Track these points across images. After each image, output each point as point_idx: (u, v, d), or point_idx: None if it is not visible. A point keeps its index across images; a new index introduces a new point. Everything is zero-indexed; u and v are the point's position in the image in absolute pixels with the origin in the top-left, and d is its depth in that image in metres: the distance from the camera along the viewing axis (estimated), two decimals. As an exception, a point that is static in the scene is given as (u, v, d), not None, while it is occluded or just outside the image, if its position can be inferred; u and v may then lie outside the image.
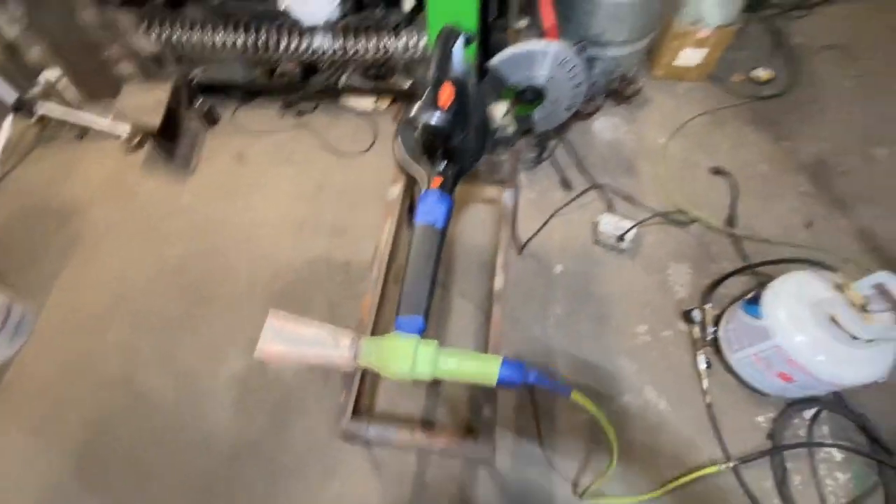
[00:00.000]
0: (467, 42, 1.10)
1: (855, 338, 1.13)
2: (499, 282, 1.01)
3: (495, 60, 1.47)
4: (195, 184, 1.98)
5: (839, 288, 1.16)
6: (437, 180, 1.06)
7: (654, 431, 1.43)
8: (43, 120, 2.15)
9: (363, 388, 1.07)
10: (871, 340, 1.12)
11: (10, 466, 1.42)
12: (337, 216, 1.87)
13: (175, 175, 1.99)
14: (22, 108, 1.99)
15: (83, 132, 2.12)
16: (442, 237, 1.02)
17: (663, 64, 2.13)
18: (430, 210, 1.03)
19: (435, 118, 0.87)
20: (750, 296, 1.40)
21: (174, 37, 1.87)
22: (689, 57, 2.07)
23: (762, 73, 2.17)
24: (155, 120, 1.78)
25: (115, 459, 1.42)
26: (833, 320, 1.16)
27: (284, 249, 1.79)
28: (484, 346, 1.00)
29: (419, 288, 0.96)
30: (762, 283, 1.40)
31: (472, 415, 1.22)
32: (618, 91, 2.05)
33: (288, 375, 1.55)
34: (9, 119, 1.99)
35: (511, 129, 1.21)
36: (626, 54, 2.00)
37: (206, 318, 1.66)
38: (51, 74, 1.98)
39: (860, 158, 1.96)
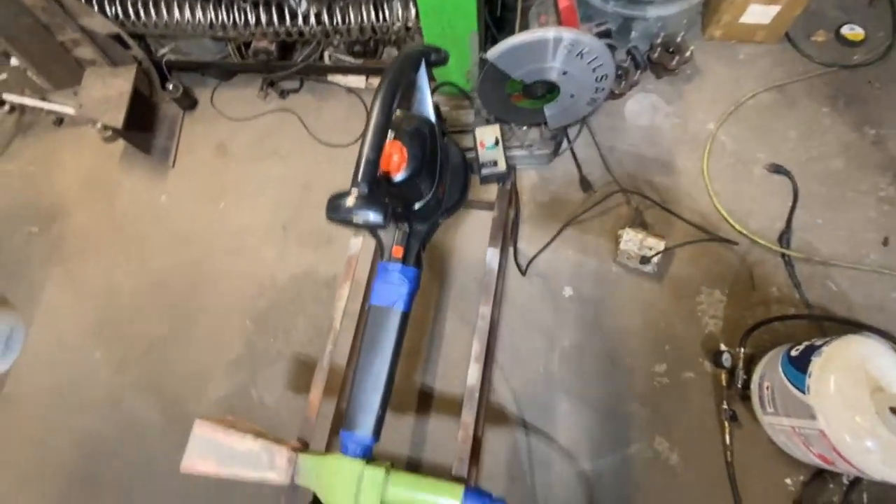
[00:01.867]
0: (437, 63, 0.82)
1: (926, 442, 0.90)
2: (472, 375, 0.83)
3: (493, 53, 1.16)
4: (175, 181, 1.83)
5: (915, 375, 0.91)
6: (398, 250, 0.85)
7: (662, 489, 1.29)
8: (20, 106, 2.01)
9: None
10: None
11: (11, 486, 1.47)
12: (324, 222, 1.67)
13: (154, 168, 1.83)
14: (-9, 97, 1.84)
15: (60, 118, 1.97)
16: (403, 323, 0.84)
17: (723, 23, 1.68)
18: (391, 288, 0.84)
19: (372, 215, 0.65)
20: (795, 352, 1.16)
21: (127, 14, 1.62)
22: (758, 14, 1.61)
23: (853, 33, 1.69)
24: (118, 116, 1.59)
25: (105, 485, 1.44)
26: (899, 416, 0.92)
27: (268, 262, 1.65)
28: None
29: (369, 397, 0.81)
30: (811, 334, 1.15)
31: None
32: (660, 62, 1.65)
33: (272, 401, 1.49)
34: (-19, 109, 1.86)
35: (501, 166, 0.95)
36: (675, 13, 1.59)
37: (191, 338, 1.59)
38: (16, 62, 1.80)
39: (970, 150, 1.54)
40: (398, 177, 0.76)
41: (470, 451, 0.82)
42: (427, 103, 0.83)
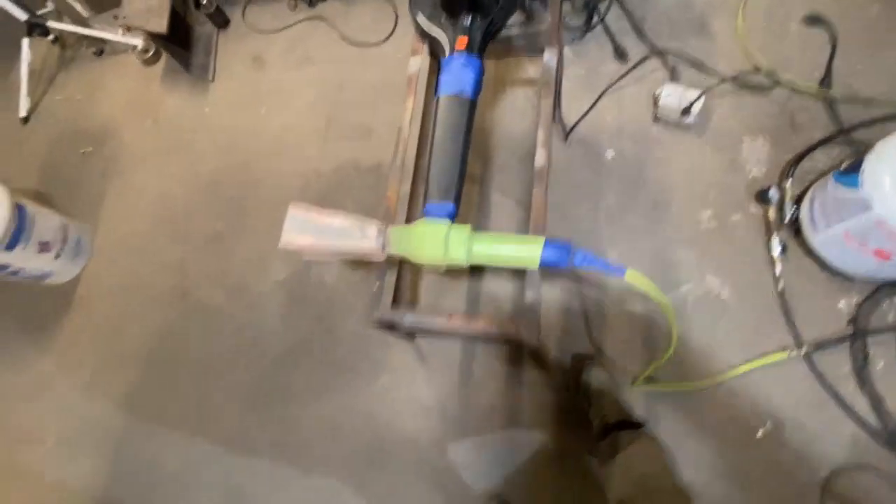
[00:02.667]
0: None
1: None
2: (540, 158, 0.88)
3: None
4: (216, 94, 1.89)
5: (975, 141, 0.92)
6: (463, 40, 0.89)
7: (714, 321, 1.33)
8: (60, 40, 2.09)
9: (402, 283, 1.03)
10: None
11: (90, 377, 1.57)
12: (362, 116, 1.74)
13: (195, 85, 1.90)
14: (35, 29, 1.92)
15: (100, 48, 2.05)
16: (472, 109, 0.89)
17: None
18: (456, 77, 0.89)
19: None
20: (845, 165, 1.18)
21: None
22: None
23: None
24: (161, 23, 1.65)
25: (180, 366, 1.54)
26: (960, 181, 0.94)
27: (312, 157, 1.71)
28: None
29: (448, 170, 0.86)
30: (861, 152, 1.17)
31: (516, 305, 1.16)
32: (687, -74, 1.64)
33: (331, 279, 1.56)
34: (25, 43, 1.94)
35: (551, -29, 0.98)
36: None
37: (246, 232, 1.67)
38: (55, -12, 1.87)
39: None
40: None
41: (544, 223, 0.87)
42: None
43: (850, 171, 1.13)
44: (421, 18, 0.94)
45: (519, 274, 1.46)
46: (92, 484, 1.47)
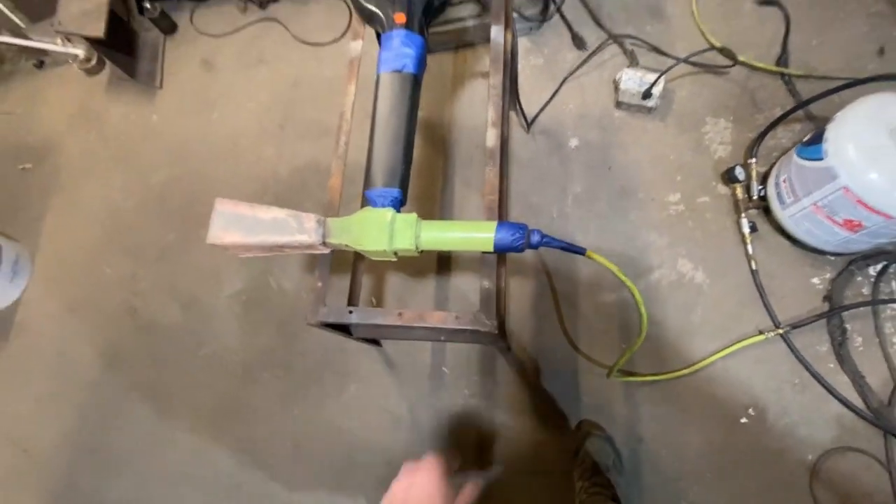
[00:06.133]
0: None
1: (950, 160, 0.90)
2: (491, 138, 0.82)
3: None
4: (164, 101, 1.80)
5: (932, 101, 0.90)
6: (400, 17, 0.84)
7: (690, 306, 1.29)
8: (-3, 53, 1.98)
9: (356, 283, 0.96)
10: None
11: (34, 406, 1.45)
12: (318, 114, 1.67)
13: (142, 92, 1.81)
14: (-33, 41, 1.81)
15: (41, 60, 1.94)
16: (415, 85, 0.83)
17: None
18: (396, 53, 0.83)
19: None
20: (808, 137, 1.16)
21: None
22: None
23: None
24: (99, 27, 1.56)
25: (132, 388, 1.43)
26: (921, 143, 0.92)
27: (269, 160, 1.64)
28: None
29: (391, 152, 0.80)
30: (821, 125, 1.15)
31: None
32: (637, -86, 1.64)
33: (291, 286, 1.47)
34: (-42, 56, 1.83)
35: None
36: None
37: (199, 241, 1.56)
38: (-13, -3, 1.77)
39: (955, -42, 1.54)
40: None
41: (497, 203, 0.81)
42: None
43: (813, 143, 1.10)
44: (358, -3, 0.88)
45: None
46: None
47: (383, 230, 0.73)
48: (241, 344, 1.43)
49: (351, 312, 0.78)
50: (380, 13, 0.85)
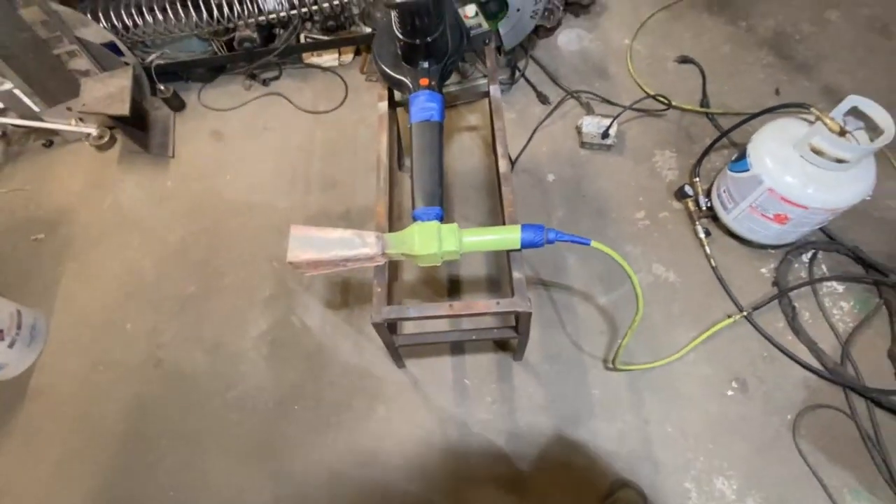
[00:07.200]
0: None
1: (839, 161, 1.20)
2: (502, 166, 1.05)
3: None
4: (177, 168, 1.96)
5: (816, 121, 1.23)
6: (424, 81, 1.08)
7: (668, 301, 1.51)
8: (5, 135, 2.09)
9: (392, 289, 1.11)
10: (852, 161, 1.19)
11: (52, 469, 1.43)
12: (325, 170, 1.88)
13: (155, 163, 1.96)
14: (-20, 126, 1.93)
15: (49, 140, 2.07)
16: (440, 129, 1.06)
17: (614, -33, 2.15)
18: (423, 108, 1.06)
19: None
20: (735, 156, 1.47)
21: (124, 23, 1.83)
22: (638, -45, 2.09)
23: (709, -39, 2.21)
24: (124, 106, 1.74)
25: (163, 437, 1.45)
26: (815, 150, 1.23)
27: (283, 211, 1.80)
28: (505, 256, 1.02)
29: (430, 179, 1.00)
30: (742, 146, 1.47)
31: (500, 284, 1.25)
32: (575, 2, 2.07)
33: (314, 322, 1.58)
34: (-31, 140, 1.93)
35: (484, 26, 1.23)
36: (577, -38, 2.02)
37: (221, 289, 1.67)
38: (3, 86, 1.91)
39: (815, 24, 2.03)
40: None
41: (515, 213, 1.02)
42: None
43: (739, 160, 1.41)
44: (386, 68, 1.13)
45: (492, 287, 1.59)
46: None
47: (433, 237, 0.91)
48: (270, 382, 1.50)
49: (409, 308, 0.94)
50: (407, 81, 1.09)
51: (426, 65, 1.10)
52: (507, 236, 0.93)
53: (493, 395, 1.43)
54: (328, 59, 2.13)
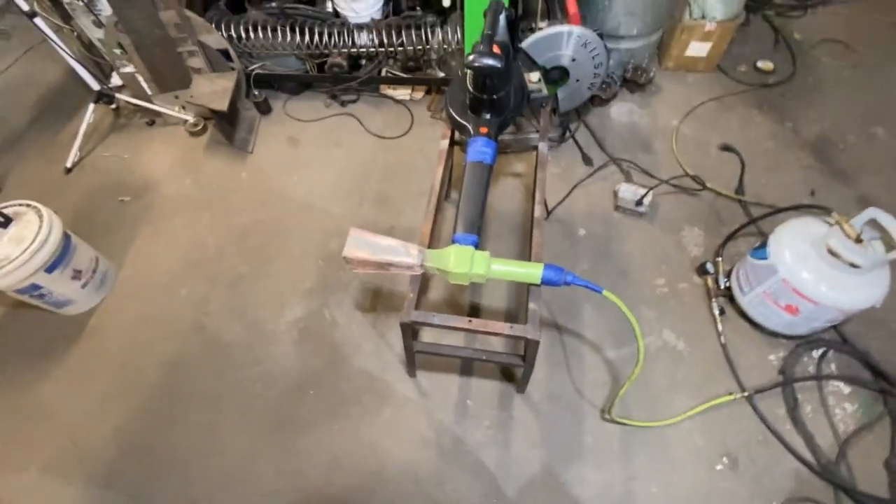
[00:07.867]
0: (507, 20, 1.32)
1: (852, 265, 1.29)
2: (537, 211, 1.20)
3: (527, 42, 1.69)
4: (254, 163, 2.22)
5: (835, 225, 1.32)
6: (484, 129, 1.26)
7: (673, 368, 1.59)
8: (118, 109, 2.43)
9: (420, 299, 1.25)
10: (865, 268, 1.27)
11: (93, 403, 1.60)
12: (380, 189, 2.08)
13: (235, 155, 2.23)
14: (102, 98, 2.26)
15: (153, 119, 2.39)
16: (490, 171, 1.22)
17: (673, 56, 2.34)
18: (480, 151, 1.24)
19: (492, 59, 1.07)
20: (758, 244, 1.57)
21: (239, 35, 2.15)
22: (697, 49, 2.28)
23: (765, 65, 2.37)
24: (224, 103, 2.02)
25: (191, 395, 1.60)
26: (831, 252, 1.32)
27: (337, 217, 2.00)
28: (524, 292, 1.15)
29: (473, 211, 1.16)
30: (766, 235, 1.57)
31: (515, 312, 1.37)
32: (632, 80, 2.26)
33: (343, 319, 1.73)
34: (90, 108, 2.26)
35: (544, 91, 1.42)
36: (639, 46, 2.22)
37: (269, 274, 1.86)
38: (127, 69, 2.25)
39: (860, 137, 2.13)
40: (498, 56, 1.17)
41: (541, 254, 1.15)
42: (502, 35, 1.30)
43: (761, 248, 1.51)
44: (454, 113, 1.32)
45: (509, 318, 1.70)
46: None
47: (467, 259, 1.06)
48: (294, 364, 1.65)
49: (434, 316, 1.08)
50: (469, 126, 1.28)
51: (488, 116, 1.28)
52: (530, 271, 1.07)
53: (492, 420, 1.52)
54: (402, 92, 2.39)
